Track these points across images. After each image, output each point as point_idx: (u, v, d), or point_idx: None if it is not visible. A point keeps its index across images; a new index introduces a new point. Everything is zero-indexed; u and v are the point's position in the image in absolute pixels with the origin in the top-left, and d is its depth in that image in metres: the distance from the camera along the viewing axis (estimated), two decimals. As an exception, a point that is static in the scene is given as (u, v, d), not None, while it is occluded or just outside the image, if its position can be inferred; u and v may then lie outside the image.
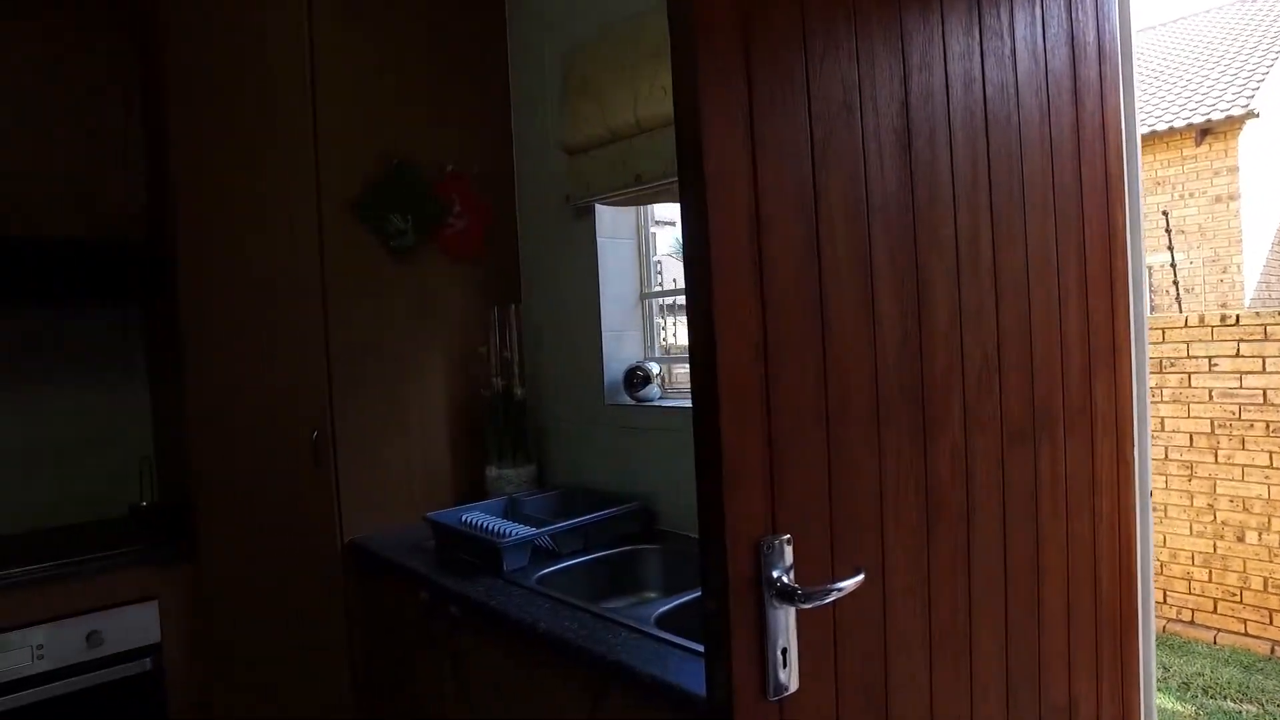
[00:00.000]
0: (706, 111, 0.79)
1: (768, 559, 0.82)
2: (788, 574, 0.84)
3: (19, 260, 2.08)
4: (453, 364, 2.41)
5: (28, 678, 1.88)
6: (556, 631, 1.47)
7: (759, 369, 0.83)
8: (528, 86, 2.51)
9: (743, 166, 0.83)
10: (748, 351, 0.82)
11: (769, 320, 0.84)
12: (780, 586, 0.82)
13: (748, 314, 0.82)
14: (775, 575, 0.82)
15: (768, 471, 0.83)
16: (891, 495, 0.97)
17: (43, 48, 2.22)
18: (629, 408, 2.25)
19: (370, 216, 2.26)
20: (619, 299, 2.35)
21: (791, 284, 0.87)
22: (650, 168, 2.09)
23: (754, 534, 0.82)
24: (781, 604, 0.82)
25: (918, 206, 1.02)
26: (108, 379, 2.51)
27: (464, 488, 2.42)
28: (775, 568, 0.83)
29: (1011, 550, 1.12)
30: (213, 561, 2.09)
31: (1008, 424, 1.13)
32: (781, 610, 0.82)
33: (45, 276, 2.12)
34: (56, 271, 2.13)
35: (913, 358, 1.00)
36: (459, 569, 1.88)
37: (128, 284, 2.23)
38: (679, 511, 2.11)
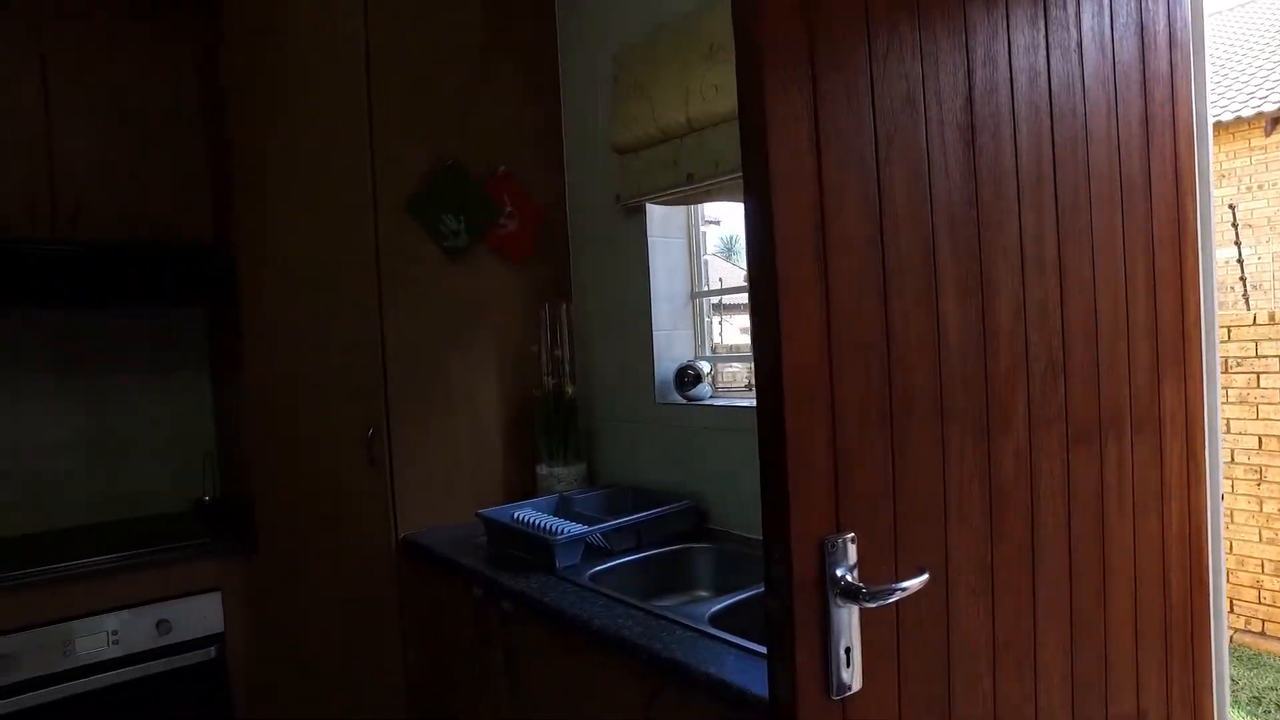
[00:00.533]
0: (771, 109, 0.79)
1: (832, 558, 0.82)
2: (851, 573, 0.83)
3: (91, 264, 2.17)
4: (504, 363, 2.45)
5: (104, 661, 1.97)
6: (611, 628, 1.48)
7: (823, 367, 0.83)
8: (578, 87, 2.53)
9: (807, 164, 0.83)
10: (812, 350, 0.82)
11: (833, 318, 0.84)
12: (844, 585, 0.81)
13: (812, 312, 0.82)
14: (839, 574, 0.82)
15: (832, 470, 0.83)
16: (955, 495, 0.96)
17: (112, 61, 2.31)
18: (680, 407, 2.25)
19: (424, 217, 2.30)
20: (669, 298, 2.35)
21: (855, 282, 0.87)
22: (701, 167, 2.09)
23: (818, 533, 0.81)
24: (845, 603, 0.82)
25: (982, 203, 1.00)
26: (172, 377, 2.60)
27: (515, 486, 2.46)
28: (839, 566, 0.82)
29: (1077, 552, 1.10)
30: (272, 555, 2.15)
31: (1073, 423, 1.11)
32: (845, 609, 0.82)
33: (115, 279, 2.20)
34: (125, 274, 2.22)
35: (976, 356, 0.99)
36: (511, 565, 1.91)
37: (192, 285, 2.31)
38: (730, 510, 2.10)
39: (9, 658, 1.86)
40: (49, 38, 2.21)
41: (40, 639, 1.90)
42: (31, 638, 1.89)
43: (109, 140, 2.29)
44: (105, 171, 2.28)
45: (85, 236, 2.22)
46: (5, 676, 1.85)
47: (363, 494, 2.22)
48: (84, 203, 2.24)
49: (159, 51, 2.38)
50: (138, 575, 2.03)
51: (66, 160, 2.22)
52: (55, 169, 2.21)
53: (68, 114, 2.23)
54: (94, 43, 2.28)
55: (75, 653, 1.94)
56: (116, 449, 2.51)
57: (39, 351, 2.41)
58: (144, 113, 2.35)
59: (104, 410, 2.49)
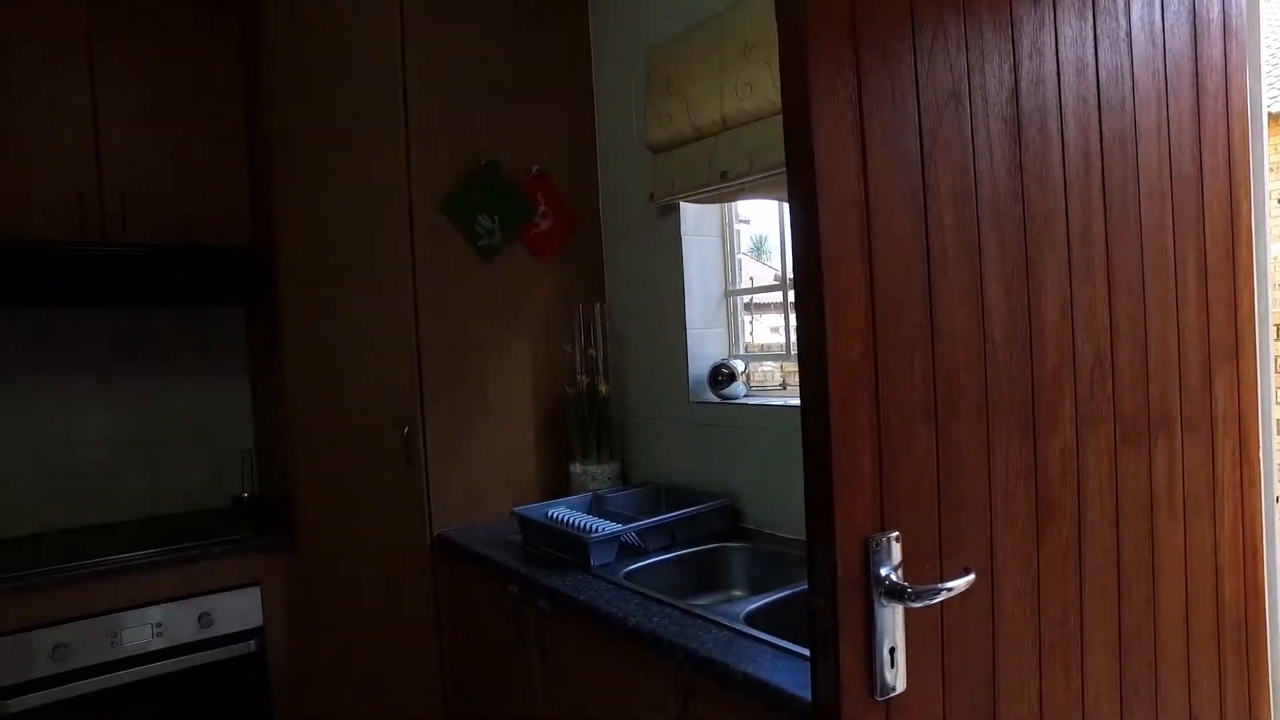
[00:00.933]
0: (816, 104, 0.79)
1: (876, 557, 0.81)
2: (895, 572, 0.82)
3: (138, 266, 2.23)
4: (538, 361, 2.46)
5: (149, 653, 2.02)
6: (646, 627, 1.48)
7: (868, 364, 0.82)
8: (611, 85, 2.53)
9: (852, 159, 0.82)
10: (857, 346, 0.81)
11: (878, 315, 0.83)
12: (889, 584, 0.80)
13: (857, 309, 0.81)
14: (884, 573, 0.81)
15: (876, 469, 0.82)
16: (1000, 494, 0.95)
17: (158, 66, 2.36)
18: (714, 405, 2.24)
19: (459, 217, 2.32)
20: (703, 296, 2.35)
21: (900, 278, 0.86)
22: (736, 165, 2.08)
23: (862, 531, 0.81)
24: (890, 602, 0.81)
25: (1028, 198, 0.99)
26: (212, 376, 2.65)
27: (548, 484, 2.47)
28: (883, 565, 0.81)
29: (1125, 553, 1.07)
30: (310, 551, 2.19)
31: (1121, 422, 1.09)
32: (890, 609, 0.81)
33: (160, 280, 2.25)
34: (169, 275, 2.27)
35: (1022, 354, 0.97)
36: (546, 563, 1.91)
37: (232, 285, 2.36)
38: (764, 509, 2.09)
39: (63, 646, 1.92)
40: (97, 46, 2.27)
41: (90, 629, 1.96)
42: (83, 627, 1.95)
43: (153, 144, 2.34)
44: (150, 175, 2.33)
45: (132, 239, 2.28)
46: (59, 664, 1.91)
47: (398, 491, 2.25)
48: (130, 206, 2.29)
49: (200, 53, 2.42)
50: (181, 570, 2.07)
51: (114, 165, 2.28)
52: (104, 175, 2.26)
53: (115, 120, 2.29)
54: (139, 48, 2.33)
55: (122, 643, 1.99)
56: (159, 446, 2.56)
57: (87, 351, 2.47)
58: (185, 115, 2.40)
59: (147, 408, 2.55)
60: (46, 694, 1.90)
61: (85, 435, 2.46)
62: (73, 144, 2.23)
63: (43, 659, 1.90)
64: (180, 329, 2.60)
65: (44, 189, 2.19)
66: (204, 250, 2.32)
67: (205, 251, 2.32)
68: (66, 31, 2.23)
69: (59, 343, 2.43)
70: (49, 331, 2.42)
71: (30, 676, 1.89)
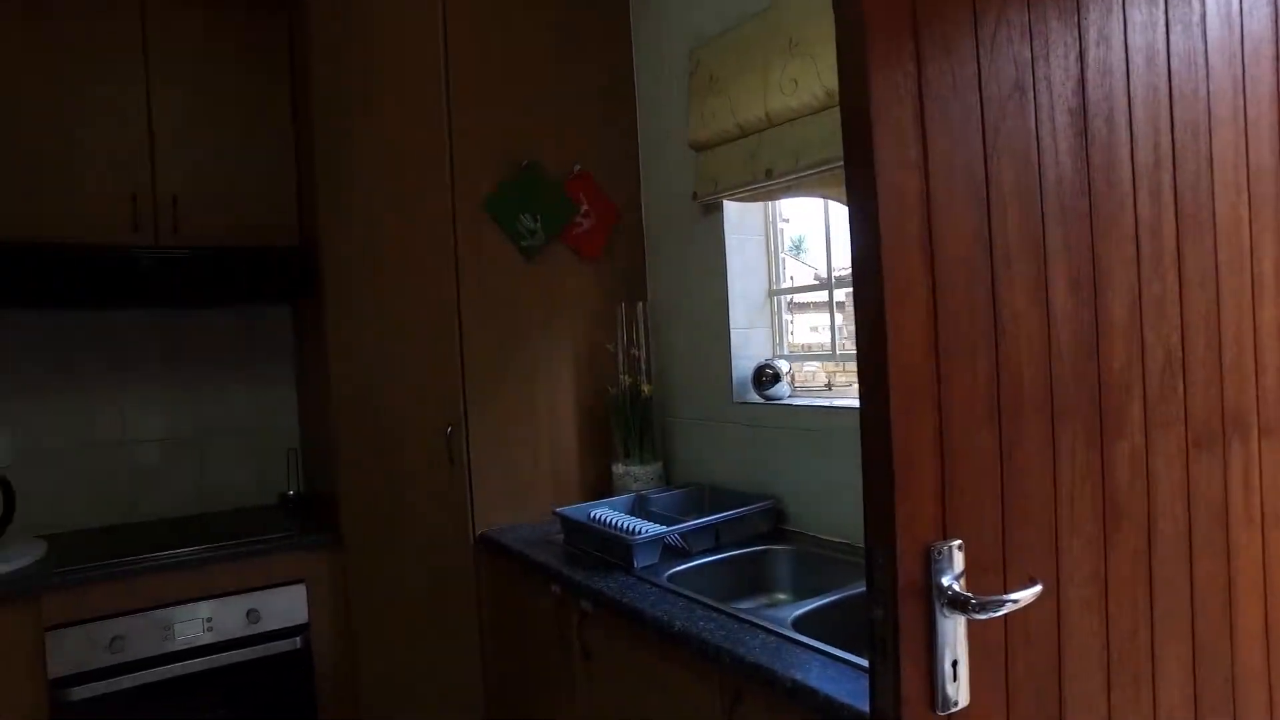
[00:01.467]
0: (876, 96, 0.76)
1: (938, 565, 0.78)
2: (958, 581, 0.79)
3: (190, 267, 2.27)
4: (580, 361, 2.45)
5: (199, 647, 2.05)
6: (692, 631, 1.46)
7: (930, 364, 0.79)
8: (653, 83, 2.52)
9: (913, 154, 0.79)
10: (919, 346, 0.78)
11: (940, 314, 0.80)
12: (952, 595, 0.77)
13: (919, 307, 0.79)
14: (945, 583, 0.78)
15: (938, 474, 0.79)
16: (1066, 501, 0.91)
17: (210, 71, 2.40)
18: (757, 406, 2.21)
19: (502, 217, 2.33)
20: (746, 296, 2.32)
21: (962, 276, 0.82)
22: (781, 162, 2.05)
23: (924, 538, 0.78)
24: (953, 613, 0.78)
25: (1094, 192, 0.94)
26: (259, 376, 2.70)
27: (590, 484, 2.46)
28: (945, 575, 0.78)
29: (1199, 564, 1.02)
30: (354, 549, 2.21)
31: (1193, 426, 1.04)
32: (952, 620, 0.78)
33: (210, 281, 2.29)
34: (219, 276, 2.31)
35: (1089, 354, 0.93)
36: (589, 564, 1.91)
37: (279, 286, 2.39)
38: (808, 511, 2.06)
39: (120, 638, 1.96)
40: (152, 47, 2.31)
41: (146, 623, 2.00)
42: (138, 621, 1.99)
43: (203, 146, 2.38)
44: (200, 177, 2.37)
45: (183, 242, 2.32)
46: (116, 655, 1.96)
47: (441, 491, 2.26)
48: (181, 208, 2.33)
49: (249, 55, 2.46)
50: (231, 566, 2.10)
51: (166, 167, 2.32)
52: (157, 176, 2.31)
53: (167, 121, 2.33)
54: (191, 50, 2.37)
55: (174, 637, 2.03)
56: (208, 444, 2.62)
57: (141, 351, 2.53)
58: (235, 117, 2.44)
59: (197, 407, 2.60)
60: (105, 684, 1.94)
61: (139, 434, 2.52)
62: (128, 145, 2.27)
63: (102, 650, 1.95)
64: (229, 329, 2.65)
65: (100, 191, 2.24)
66: (252, 252, 2.35)
67: (253, 253, 2.35)
68: (122, 31, 2.27)
69: (114, 344, 2.49)
70: (105, 333, 2.48)
71: (91, 666, 1.94)
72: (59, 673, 1.91)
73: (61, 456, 2.42)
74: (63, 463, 2.42)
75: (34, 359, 2.39)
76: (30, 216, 2.16)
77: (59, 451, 2.41)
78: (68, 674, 1.91)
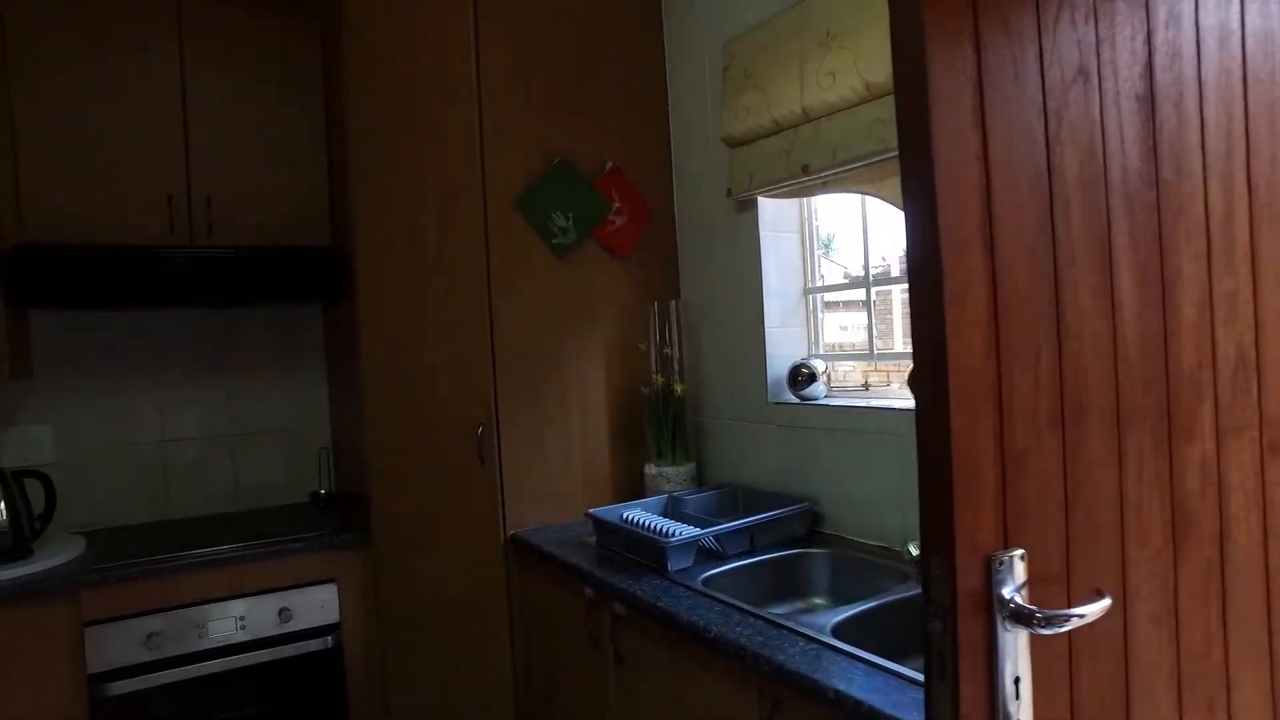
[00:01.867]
0: (934, 84, 0.72)
1: (999, 576, 0.74)
2: (1020, 594, 0.75)
3: (225, 268, 2.28)
4: (612, 360, 2.43)
5: (232, 645, 2.06)
6: (729, 637, 1.43)
7: (991, 366, 0.75)
8: (686, 79, 2.48)
9: (972, 143, 0.75)
10: (979, 347, 0.74)
11: (1000, 311, 0.76)
12: (1015, 608, 0.73)
13: (979, 306, 0.74)
14: (1007, 595, 0.74)
15: (999, 481, 0.75)
16: (1133, 509, 0.86)
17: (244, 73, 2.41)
18: (793, 406, 2.17)
19: (533, 215, 2.31)
20: (781, 294, 2.28)
21: (1025, 272, 0.78)
22: (818, 158, 2.01)
23: (985, 548, 0.74)
24: (1015, 627, 0.73)
25: (1162, 182, 0.89)
26: (291, 376, 2.71)
27: (622, 485, 2.43)
28: (1007, 586, 0.74)
29: (1277, 578, 0.97)
30: (385, 549, 2.20)
31: (1268, 430, 0.98)
32: (1014, 634, 0.74)
33: (240, 281, 2.30)
34: (253, 277, 2.31)
35: (1156, 354, 0.88)
36: (621, 567, 1.88)
37: (313, 285, 2.39)
38: (845, 514, 2.02)
39: (156, 635, 1.98)
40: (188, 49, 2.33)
41: (180, 620, 2.01)
42: (173, 618, 2.00)
43: (238, 146, 2.39)
44: (234, 177, 2.38)
45: (218, 242, 2.33)
46: (153, 652, 1.97)
47: (472, 491, 2.24)
48: (216, 209, 2.35)
49: (283, 56, 2.47)
50: (264, 565, 2.11)
51: (201, 168, 2.34)
52: (192, 177, 2.32)
53: (202, 122, 2.34)
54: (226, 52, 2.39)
55: (208, 635, 2.04)
56: (241, 443, 2.63)
57: (176, 351, 2.55)
58: (269, 117, 2.44)
59: (230, 406, 2.62)
60: (141, 680, 1.96)
61: (175, 433, 2.54)
62: (165, 146, 2.29)
63: (138, 646, 1.96)
64: (262, 329, 2.66)
65: (137, 192, 2.26)
66: (285, 252, 2.36)
67: (286, 253, 2.36)
68: (157, 34, 2.29)
69: (150, 343, 2.51)
70: (142, 333, 2.50)
71: (128, 662, 1.95)
72: (97, 668, 1.93)
73: (100, 454, 2.44)
74: (101, 461, 2.44)
75: (74, 359, 2.42)
76: (69, 219, 2.19)
77: (98, 450, 2.44)
78: (106, 669, 1.93)
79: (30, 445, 2.36)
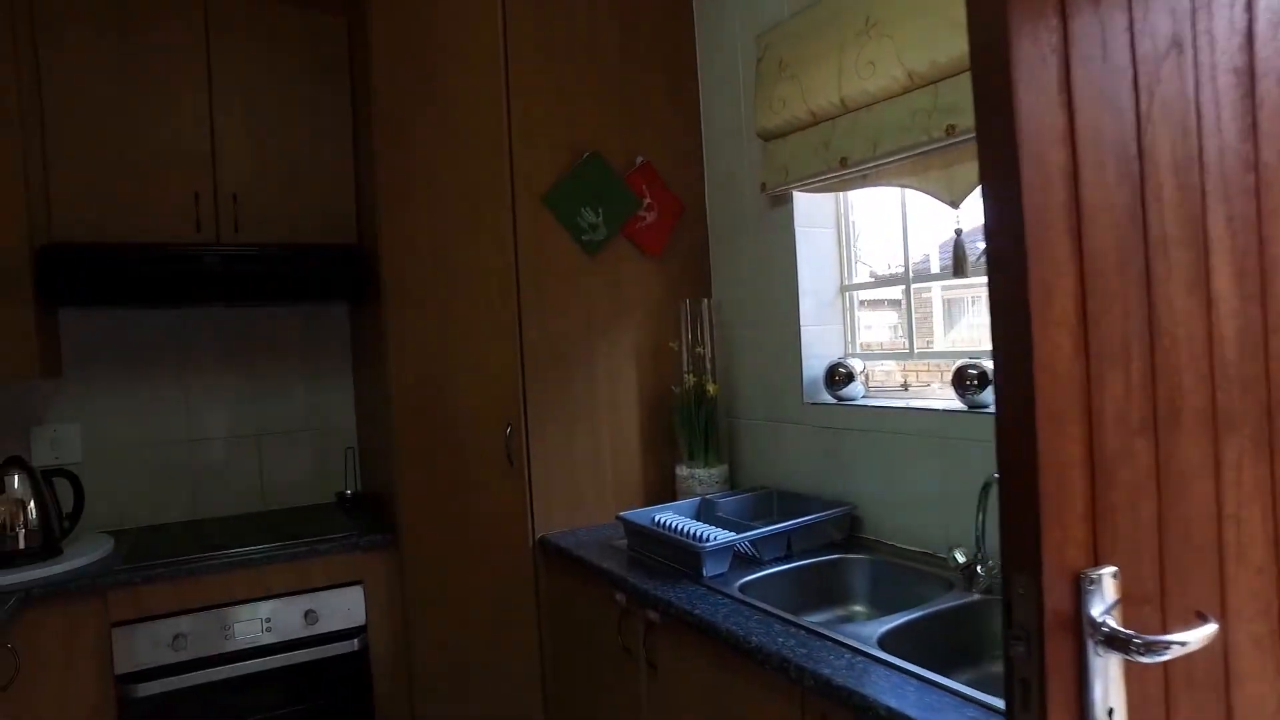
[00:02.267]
0: (1018, 56, 0.65)
1: (1089, 596, 0.68)
2: (1111, 615, 0.68)
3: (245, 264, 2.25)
4: (643, 360, 2.37)
5: (258, 647, 2.03)
6: (771, 648, 1.37)
7: (1079, 366, 0.68)
8: (717, 71, 2.42)
9: (1058, 121, 0.68)
10: (1067, 345, 0.68)
11: (1089, 306, 0.69)
12: (1109, 631, 0.66)
13: (1067, 300, 0.68)
14: (1098, 617, 0.67)
15: (1089, 491, 0.68)
16: (1232, 522, 0.79)
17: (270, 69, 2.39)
18: (829, 407, 2.10)
19: (562, 211, 2.25)
20: (817, 292, 2.21)
21: (1114, 263, 0.71)
22: (857, 149, 1.94)
23: (1074, 565, 0.67)
24: (1108, 653, 0.67)
25: (1262, 165, 0.82)
26: (317, 373, 2.68)
27: (653, 487, 2.37)
28: (1098, 608, 0.67)
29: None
30: (412, 551, 2.17)
31: (1372, 437, 0.90)
32: (1105, 660, 0.67)
33: (266, 279, 2.27)
34: (276, 273, 2.29)
35: (1256, 352, 0.81)
36: (653, 571, 1.82)
37: (339, 283, 2.36)
38: (885, 518, 1.94)
39: (183, 636, 1.96)
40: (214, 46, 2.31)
41: (207, 621, 1.99)
42: (200, 619, 1.99)
43: (264, 143, 2.37)
44: (260, 175, 2.36)
45: (244, 239, 2.31)
46: (179, 653, 1.95)
47: (500, 492, 2.20)
48: (242, 206, 2.33)
49: (309, 52, 2.44)
50: (290, 566, 2.08)
51: (227, 165, 2.32)
52: (218, 175, 2.31)
53: (229, 119, 2.32)
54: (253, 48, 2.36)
55: (234, 636, 2.01)
56: (267, 442, 2.61)
57: (203, 349, 2.53)
58: (295, 114, 2.42)
59: (256, 404, 2.60)
60: (166, 682, 1.94)
61: (202, 432, 2.52)
62: (191, 145, 2.28)
63: (165, 648, 1.94)
64: (288, 328, 2.64)
65: (165, 190, 2.25)
66: (311, 249, 2.33)
67: (313, 251, 2.33)
68: (185, 32, 2.27)
69: (177, 342, 2.50)
70: (168, 331, 2.49)
71: (154, 664, 1.93)
72: (124, 669, 1.91)
73: (128, 453, 2.43)
74: (129, 459, 2.43)
75: (101, 358, 2.41)
76: (97, 218, 2.18)
77: (126, 448, 2.43)
78: (133, 670, 1.92)
79: (59, 444, 2.35)
